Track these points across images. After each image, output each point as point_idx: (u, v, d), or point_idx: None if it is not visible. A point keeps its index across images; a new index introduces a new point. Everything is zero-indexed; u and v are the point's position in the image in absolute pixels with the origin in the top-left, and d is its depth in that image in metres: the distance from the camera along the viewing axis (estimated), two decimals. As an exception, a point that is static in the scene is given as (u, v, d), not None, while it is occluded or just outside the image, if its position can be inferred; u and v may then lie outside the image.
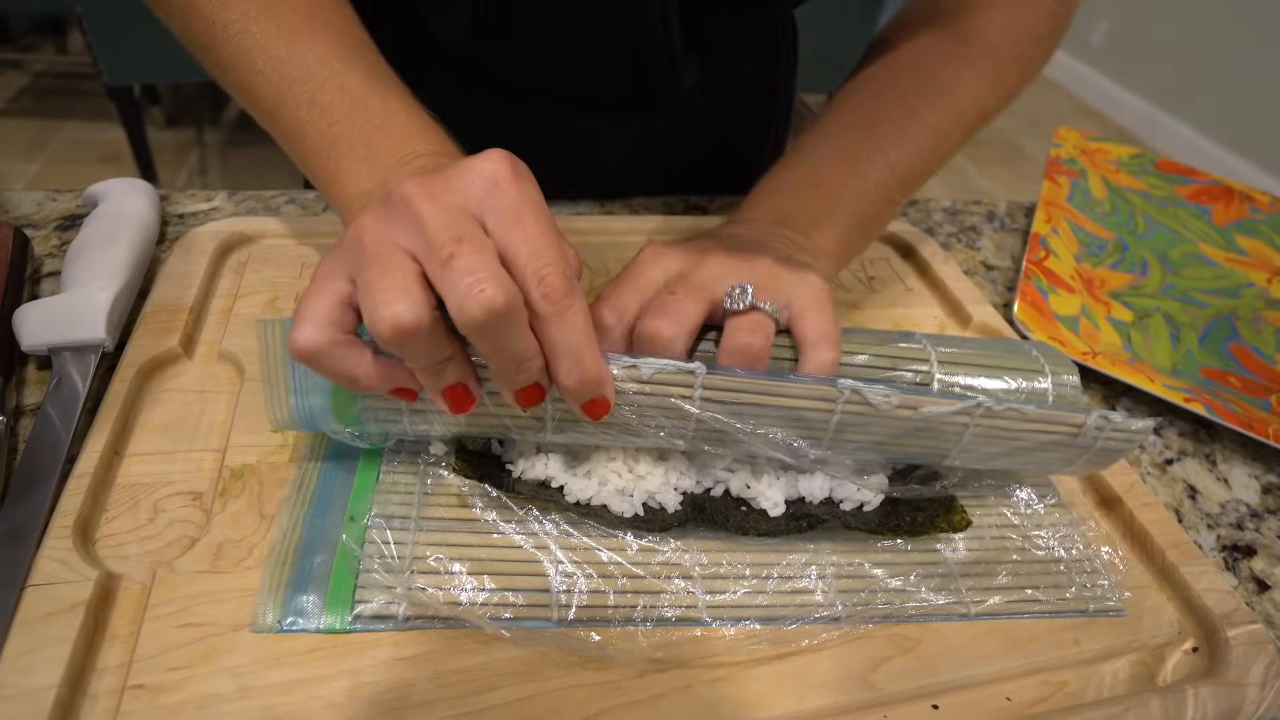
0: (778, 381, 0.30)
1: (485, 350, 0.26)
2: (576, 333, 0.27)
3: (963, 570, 0.34)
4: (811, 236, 0.38)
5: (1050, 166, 0.65)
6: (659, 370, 0.29)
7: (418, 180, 0.26)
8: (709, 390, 0.30)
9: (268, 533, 0.30)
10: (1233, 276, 0.59)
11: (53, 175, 1.86)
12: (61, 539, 0.28)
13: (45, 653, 0.25)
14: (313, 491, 0.32)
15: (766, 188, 0.42)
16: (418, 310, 0.24)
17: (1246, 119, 2.37)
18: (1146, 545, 0.36)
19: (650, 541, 0.32)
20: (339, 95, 0.34)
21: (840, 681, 0.29)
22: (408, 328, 0.24)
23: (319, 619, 0.28)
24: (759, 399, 0.30)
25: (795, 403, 0.30)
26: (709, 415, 0.30)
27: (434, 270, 0.25)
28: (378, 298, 0.25)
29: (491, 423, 0.31)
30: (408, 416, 0.30)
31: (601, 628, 0.29)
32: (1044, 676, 0.31)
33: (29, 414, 0.35)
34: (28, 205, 0.48)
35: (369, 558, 0.29)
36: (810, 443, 0.31)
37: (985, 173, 2.43)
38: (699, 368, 0.29)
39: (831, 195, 0.40)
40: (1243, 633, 0.32)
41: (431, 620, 0.28)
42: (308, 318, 0.26)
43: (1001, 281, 0.56)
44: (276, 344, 0.30)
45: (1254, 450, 0.45)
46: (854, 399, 0.30)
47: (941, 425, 0.32)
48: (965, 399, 0.31)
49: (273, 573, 0.29)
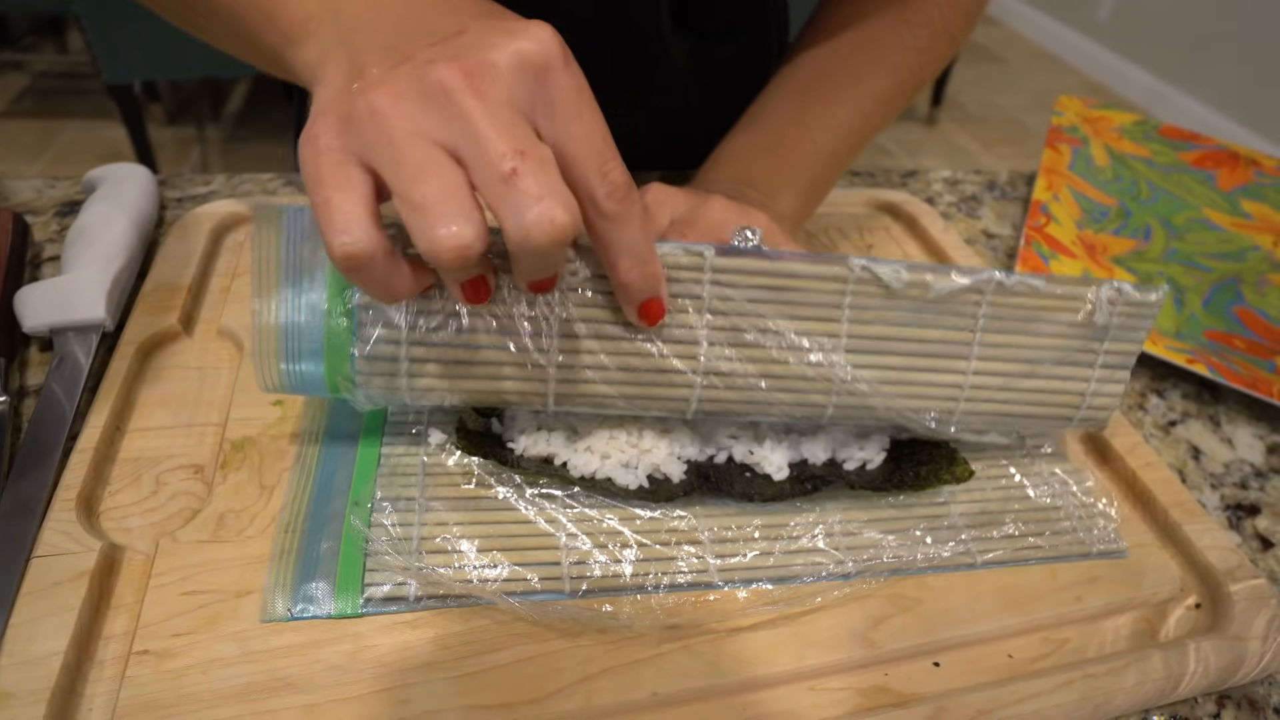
0: (787, 261, 0.30)
1: (524, 265, 0.24)
2: (640, 230, 0.26)
3: (967, 521, 0.34)
4: (775, 200, 0.39)
5: (1052, 135, 0.65)
6: (669, 252, 0.29)
7: (453, 61, 0.22)
8: (719, 274, 0.29)
9: (268, 503, 0.31)
10: (1238, 240, 0.58)
11: (55, 175, 1.87)
12: (65, 512, 0.29)
13: (51, 621, 0.25)
14: (314, 476, 0.32)
15: (728, 152, 0.43)
16: (479, 230, 0.22)
17: (1252, 91, 2.34)
18: (1149, 504, 0.36)
19: (657, 513, 0.32)
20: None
21: (840, 640, 0.29)
22: (472, 252, 0.22)
23: (330, 604, 0.28)
24: (770, 280, 0.29)
25: (806, 284, 0.30)
26: (721, 296, 0.29)
27: (490, 183, 0.22)
28: (435, 212, 0.22)
29: (489, 388, 0.30)
30: (405, 366, 0.29)
31: (614, 597, 0.29)
32: (1045, 633, 0.31)
33: (32, 394, 0.35)
34: (27, 192, 0.48)
35: (376, 540, 0.29)
36: (824, 340, 0.30)
37: (991, 151, 2.41)
38: (708, 248, 0.29)
39: (789, 159, 0.41)
40: (1245, 588, 0.32)
41: (444, 599, 0.28)
42: (350, 222, 0.22)
43: (1003, 249, 0.55)
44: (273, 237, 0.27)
45: (1259, 411, 0.45)
46: (865, 275, 0.30)
47: (955, 307, 0.31)
48: (977, 273, 0.31)
49: (279, 560, 0.29)
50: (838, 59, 0.44)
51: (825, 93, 0.43)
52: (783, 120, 0.43)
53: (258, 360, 0.28)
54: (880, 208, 0.55)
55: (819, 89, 0.44)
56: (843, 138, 0.43)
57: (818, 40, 0.46)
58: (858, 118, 0.43)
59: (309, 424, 0.34)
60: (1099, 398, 0.34)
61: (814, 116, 0.43)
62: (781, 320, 0.30)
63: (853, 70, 0.44)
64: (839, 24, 0.45)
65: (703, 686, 0.27)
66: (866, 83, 0.44)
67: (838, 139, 0.43)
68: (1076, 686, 0.28)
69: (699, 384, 0.30)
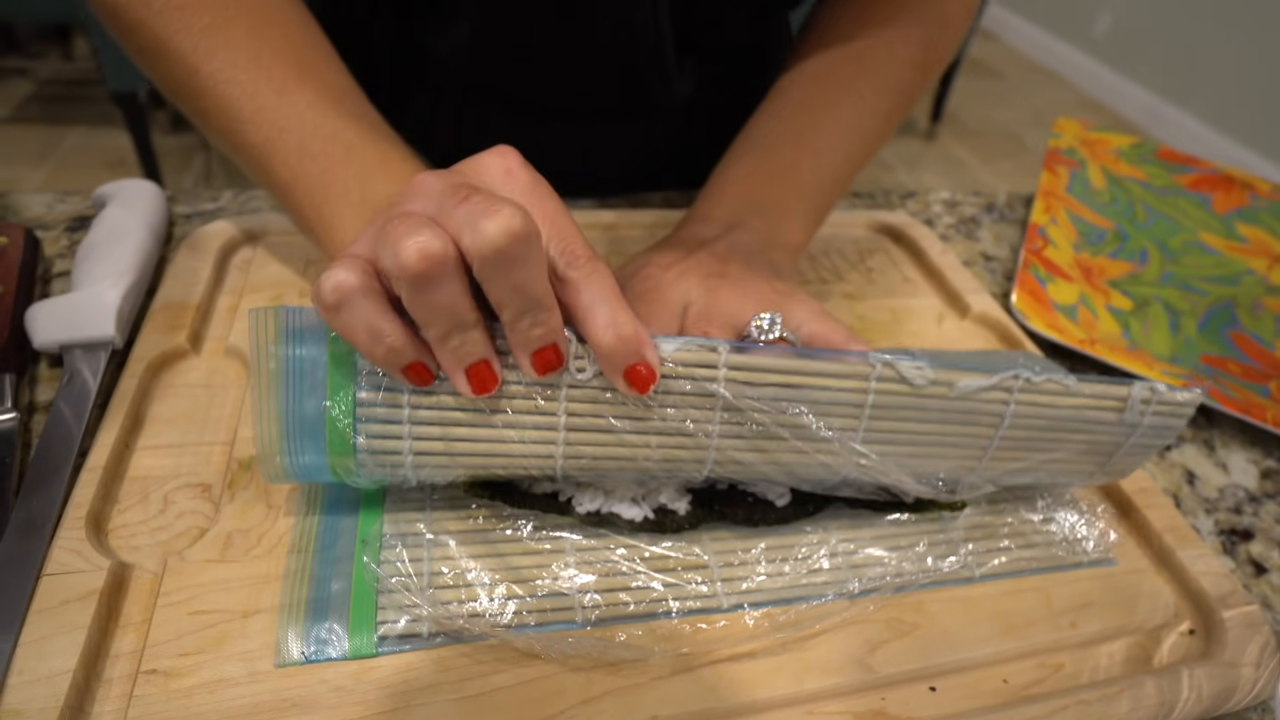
0: (805, 360, 0.29)
1: (500, 293, 0.25)
2: (608, 290, 0.26)
3: (965, 535, 0.35)
4: (783, 227, 0.39)
5: (1049, 157, 0.65)
6: (681, 348, 0.28)
7: (428, 171, 0.26)
8: (734, 371, 0.28)
9: (275, 523, 0.31)
10: (1233, 264, 0.59)
11: (60, 181, 1.88)
12: (75, 530, 0.29)
13: (60, 639, 0.26)
14: (320, 514, 0.32)
15: (734, 174, 0.43)
16: (444, 240, 0.23)
17: (1250, 109, 2.35)
18: (1144, 529, 0.37)
19: (665, 542, 0.33)
20: (332, 142, 0.33)
21: (838, 664, 0.30)
22: (435, 254, 0.23)
23: (344, 645, 0.27)
24: (787, 379, 0.29)
25: (826, 382, 0.29)
26: (736, 394, 0.28)
27: (448, 212, 0.24)
28: (400, 235, 0.23)
29: (498, 460, 0.29)
30: (410, 459, 0.28)
31: (625, 625, 0.30)
32: (1041, 659, 0.31)
33: (42, 410, 0.35)
34: (37, 207, 0.49)
35: (387, 579, 0.29)
36: (841, 435, 0.30)
37: (989, 166, 2.43)
38: (721, 344, 0.28)
39: (793, 183, 0.41)
40: (1238, 614, 0.33)
41: (459, 636, 0.28)
42: (339, 265, 0.25)
43: (1001, 271, 0.56)
44: (270, 337, 0.27)
45: (1253, 436, 0.45)
46: (887, 373, 0.29)
47: (980, 405, 0.31)
48: (1003, 369, 0.30)
49: (291, 603, 0.28)
50: (834, 75, 0.45)
51: (825, 110, 0.44)
52: (783, 141, 0.43)
53: (261, 457, 0.28)
54: (880, 230, 0.56)
55: (818, 106, 0.44)
56: (845, 155, 0.43)
57: (811, 56, 0.46)
58: (859, 134, 0.44)
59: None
60: (1113, 474, 0.35)
61: (816, 136, 0.43)
62: (797, 418, 0.29)
63: (851, 85, 0.44)
64: (831, 39, 0.46)
65: (702, 710, 0.27)
66: (866, 98, 0.44)
67: (841, 157, 0.43)
68: (1071, 712, 0.28)
69: (708, 468, 0.30)
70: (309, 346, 0.27)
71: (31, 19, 2.24)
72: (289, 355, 0.27)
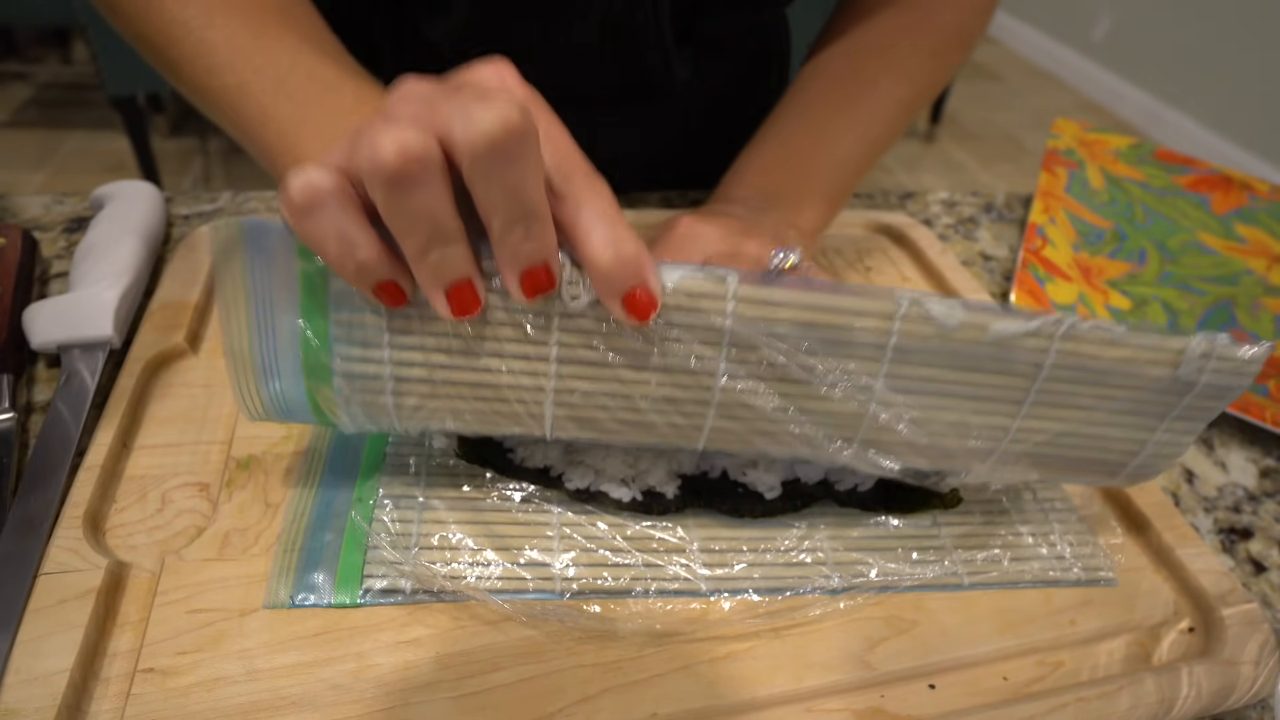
0: (823, 293, 0.26)
1: (491, 196, 0.22)
2: (608, 207, 0.24)
3: (955, 543, 0.34)
4: (799, 214, 0.40)
5: (1048, 157, 0.66)
6: (686, 275, 0.25)
7: (416, 75, 0.24)
8: (744, 304, 0.25)
9: (273, 521, 0.31)
10: (1231, 264, 0.59)
11: (59, 185, 1.88)
12: (72, 529, 0.29)
13: (58, 638, 0.26)
14: (320, 475, 0.33)
15: (751, 164, 0.43)
16: (426, 137, 0.21)
17: (1249, 111, 2.36)
18: (1143, 528, 0.37)
19: (648, 523, 0.33)
20: (309, 81, 0.32)
21: (837, 661, 0.29)
22: (414, 151, 0.20)
23: (329, 595, 0.29)
24: (801, 315, 0.26)
25: (845, 320, 0.26)
26: (745, 327, 0.25)
27: (436, 105, 0.21)
28: (379, 133, 0.21)
29: (482, 410, 0.28)
30: (390, 386, 0.26)
31: (603, 599, 0.30)
32: (1040, 656, 0.31)
33: (39, 411, 0.35)
34: (35, 208, 0.49)
35: (377, 535, 0.30)
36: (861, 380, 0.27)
37: (989, 169, 2.43)
38: (731, 273, 0.25)
39: (812, 171, 0.42)
40: (1238, 612, 0.33)
41: (438, 595, 0.29)
42: (310, 166, 0.22)
43: (999, 271, 0.56)
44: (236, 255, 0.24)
45: (1252, 435, 0.45)
46: (914, 312, 0.26)
47: (1015, 353, 0.27)
48: (1043, 314, 0.27)
49: (284, 551, 0.30)
50: (853, 67, 0.45)
51: (844, 101, 0.44)
52: (803, 131, 0.44)
53: (236, 389, 0.27)
54: (878, 229, 0.56)
55: (837, 97, 0.44)
56: (862, 145, 0.43)
57: (832, 49, 0.46)
58: (877, 125, 0.44)
59: (315, 441, 0.34)
60: (1158, 457, 0.31)
61: (835, 126, 0.43)
62: (812, 358, 0.26)
63: (869, 78, 0.44)
64: (852, 32, 0.46)
65: (701, 707, 0.27)
66: (883, 89, 0.44)
67: (858, 147, 0.43)
68: (1070, 710, 0.28)
69: (710, 418, 0.28)
70: (278, 261, 0.25)
71: (30, 23, 2.24)
72: (256, 274, 0.25)
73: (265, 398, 0.27)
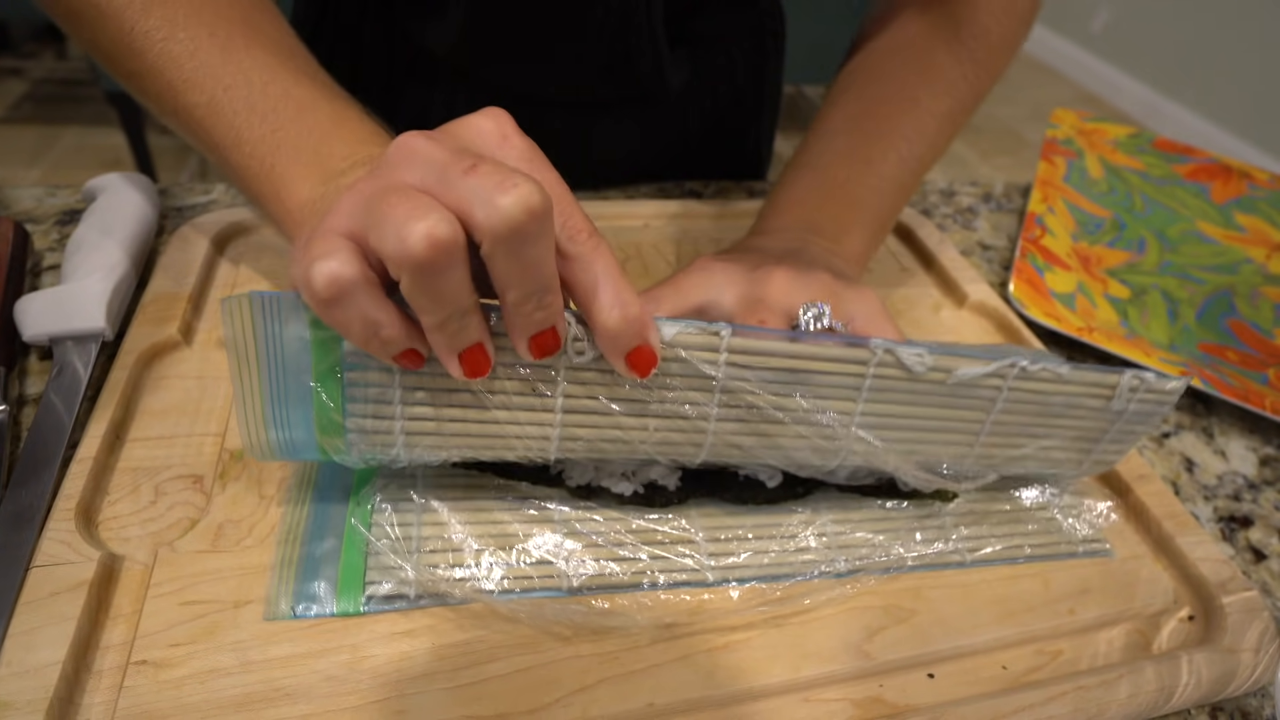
0: (806, 344, 0.29)
1: (509, 273, 0.23)
2: (612, 267, 0.25)
3: (956, 521, 0.35)
4: (841, 243, 0.38)
5: (1047, 147, 0.65)
6: (683, 330, 0.27)
7: (415, 132, 0.24)
8: (734, 355, 0.28)
9: (267, 513, 0.31)
10: (1231, 253, 0.59)
11: (54, 181, 1.87)
12: (64, 521, 0.29)
13: (50, 630, 0.26)
14: (315, 477, 0.32)
15: (787, 196, 0.41)
16: (452, 224, 0.21)
17: (1248, 102, 2.35)
18: (1143, 516, 0.36)
19: (652, 515, 0.33)
20: (283, 100, 0.31)
21: (835, 651, 0.29)
22: (444, 241, 0.21)
23: (332, 604, 0.28)
24: (786, 362, 0.28)
25: (825, 366, 0.29)
26: (733, 376, 0.28)
27: (453, 183, 0.22)
28: (403, 218, 0.21)
29: (492, 442, 0.29)
30: (401, 439, 0.28)
31: (608, 594, 0.30)
32: (1039, 645, 0.31)
33: (31, 403, 0.35)
34: (27, 200, 0.48)
35: (377, 540, 0.30)
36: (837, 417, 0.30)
37: (988, 161, 2.42)
38: (724, 327, 0.27)
39: (852, 197, 0.40)
40: (1238, 600, 0.33)
41: (443, 599, 0.29)
42: (329, 252, 0.22)
43: (998, 261, 0.56)
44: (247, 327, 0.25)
45: (1252, 423, 0.45)
46: (887, 359, 0.29)
47: (974, 391, 0.31)
48: (1000, 359, 0.31)
49: (282, 561, 0.29)
50: (892, 84, 0.43)
51: (883, 123, 0.42)
52: (842, 158, 0.41)
53: (245, 434, 0.27)
54: (876, 219, 0.55)
55: (876, 119, 0.42)
56: (905, 167, 0.41)
57: (870, 62, 0.44)
58: (919, 145, 0.42)
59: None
60: (1100, 464, 0.36)
61: (875, 150, 0.41)
62: (795, 399, 0.29)
63: (910, 95, 0.42)
64: (887, 46, 0.44)
65: (699, 697, 0.27)
66: (924, 106, 0.42)
67: (901, 169, 0.41)
68: (1070, 698, 0.28)
69: (705, 452, 0.30)
70: (289, 331, 0.26)
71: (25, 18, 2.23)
72: (269, 344, 0.26)
73: (274, 444, 0.28)
